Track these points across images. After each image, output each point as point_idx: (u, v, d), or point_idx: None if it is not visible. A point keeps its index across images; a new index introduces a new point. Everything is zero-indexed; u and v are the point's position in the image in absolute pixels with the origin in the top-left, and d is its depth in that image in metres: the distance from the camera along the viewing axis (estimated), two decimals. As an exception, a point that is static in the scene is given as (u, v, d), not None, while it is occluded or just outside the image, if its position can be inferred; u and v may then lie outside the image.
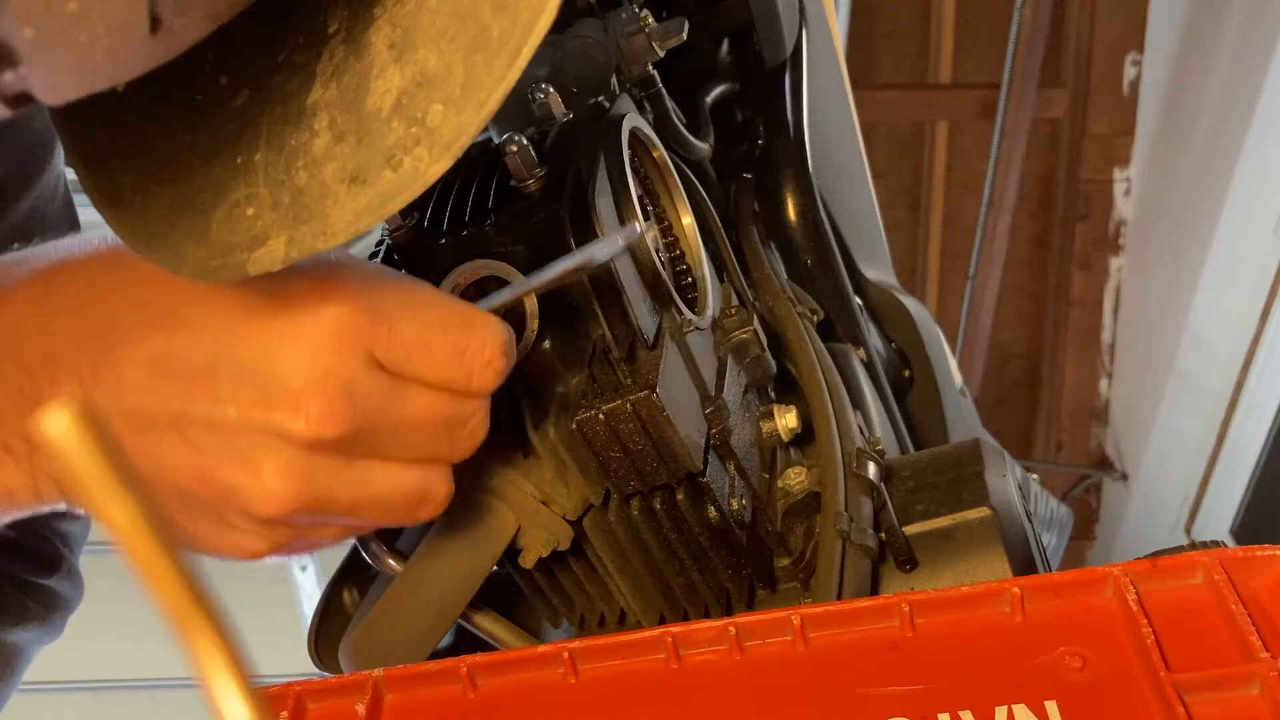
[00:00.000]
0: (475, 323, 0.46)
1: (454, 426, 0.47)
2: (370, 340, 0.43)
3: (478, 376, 0.46)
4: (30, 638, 0.74)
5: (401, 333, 0.44)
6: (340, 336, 0.43)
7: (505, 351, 0.47)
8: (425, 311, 0.45)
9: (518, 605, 0.66)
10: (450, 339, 0.45)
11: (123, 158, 0.43)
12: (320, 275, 0.43)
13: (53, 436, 0.19)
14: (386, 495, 0.47)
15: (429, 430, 0.47)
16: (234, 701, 0.20)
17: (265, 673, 0.30)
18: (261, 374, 0.42)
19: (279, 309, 0.42)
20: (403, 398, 0.45)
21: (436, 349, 0.45)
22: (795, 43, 0.90)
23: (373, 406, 0.44)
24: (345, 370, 0.43)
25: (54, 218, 0.68)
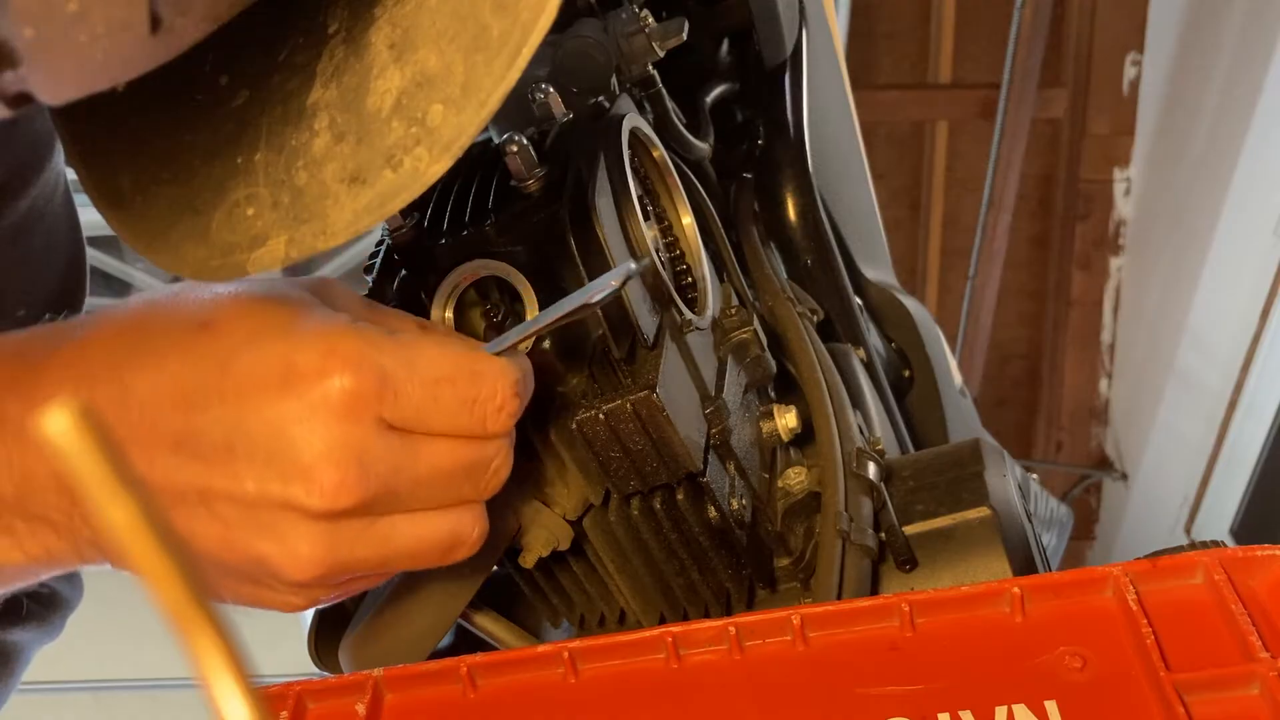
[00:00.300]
0: (482, 371, 0.46)
1: (476, 471, 0.48)
2: (377, 406, 0.44)
3: (492, 421, 0.47)
4: (30, 638, 0.74)
5: (408, 394, 0.45)
6: (346, 408, 0.43)
7: (518, 393, 0.47)
8: (429, 368, 0.45)
9: (518, 605, 0.66)
10: (459, 392, 0.46)
11: (123, 158, 0.43)
12: (323, 346, 0.43)
13: (53, 436, 0.19)
14: (415, 546, 0.47)
15: (449, 479, 0.47)
16: (234, 701, 0.20)
17: (265, 673, 0.30)
18: (274, 451, 0.43)
19: (285, 385, 0.43)
20: (416, 454, 0.46)
21: (445, 403, 0.45)
22: (795, 43, 0.90)
23: (386, 470, 0.45)
24: (354, 439, 0.43)
25: (53, 217, 0.68)
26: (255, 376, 0.43)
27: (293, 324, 0.44)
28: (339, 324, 0.45)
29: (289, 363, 0.43)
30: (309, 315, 0.45)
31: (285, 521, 0.44)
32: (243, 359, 0.43)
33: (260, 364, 0.43)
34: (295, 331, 0.44)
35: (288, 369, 0.43)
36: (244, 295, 0.45)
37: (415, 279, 0.55)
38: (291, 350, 0.43)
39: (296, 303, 0.45)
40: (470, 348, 0.47)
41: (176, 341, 0.44)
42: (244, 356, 0.43)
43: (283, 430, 0.43)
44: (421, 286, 0.55)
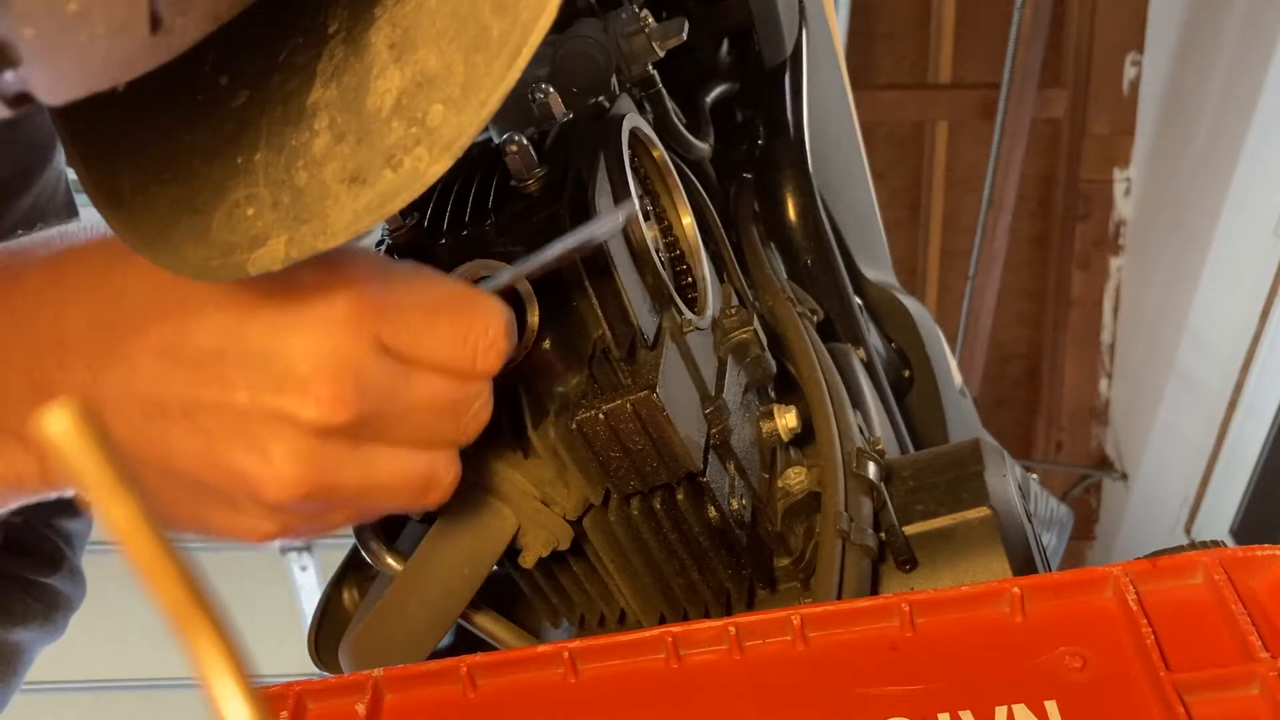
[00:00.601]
0: (477, 305, 0.47)
1: (459, 409, 0.48)
2: (376, 325, 0.44)
3: (481, 357, 0.47)
4: (32, 637, 0.74)
5: (408, 317, 0.45)
6: (348, 322, 0.43)
7: (507, 332, 0.47)
8: (429, 294, 0.46)
9: (518, 605, 0.66)
10: (454, 321, 0.46)
11: (123, 158, 0.43)
12: (327, 263, 0.43)
13: (53, 436, 0.19)
14: (393, 480, 0.47)
15: (435, 413, 0.47)
16: (234, 701, 0.20)
17: (265, 673, 0.30)
18: (270, 359, 0.43)
19: (287, 296, 0.43)
20: (408, 382, 0.45)
21: (441, 331, 0.46)
22: (795, 43, 0.90)
23: (380, 391, 0.44)
24: (353, 356, 0.43)
25: (55, 216, 0.69)
26: (255, 288, 0.42)
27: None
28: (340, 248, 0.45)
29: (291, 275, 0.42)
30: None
31: (273, 435, 0.43)
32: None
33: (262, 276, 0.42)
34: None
35: (289, 279, 0.42)
36: None
37: (415, 279, 0.55)
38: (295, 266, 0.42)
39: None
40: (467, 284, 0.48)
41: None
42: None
43: (280, 339, 0.42)
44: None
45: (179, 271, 0.41)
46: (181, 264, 0.41)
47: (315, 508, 0.46)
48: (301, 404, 0.42)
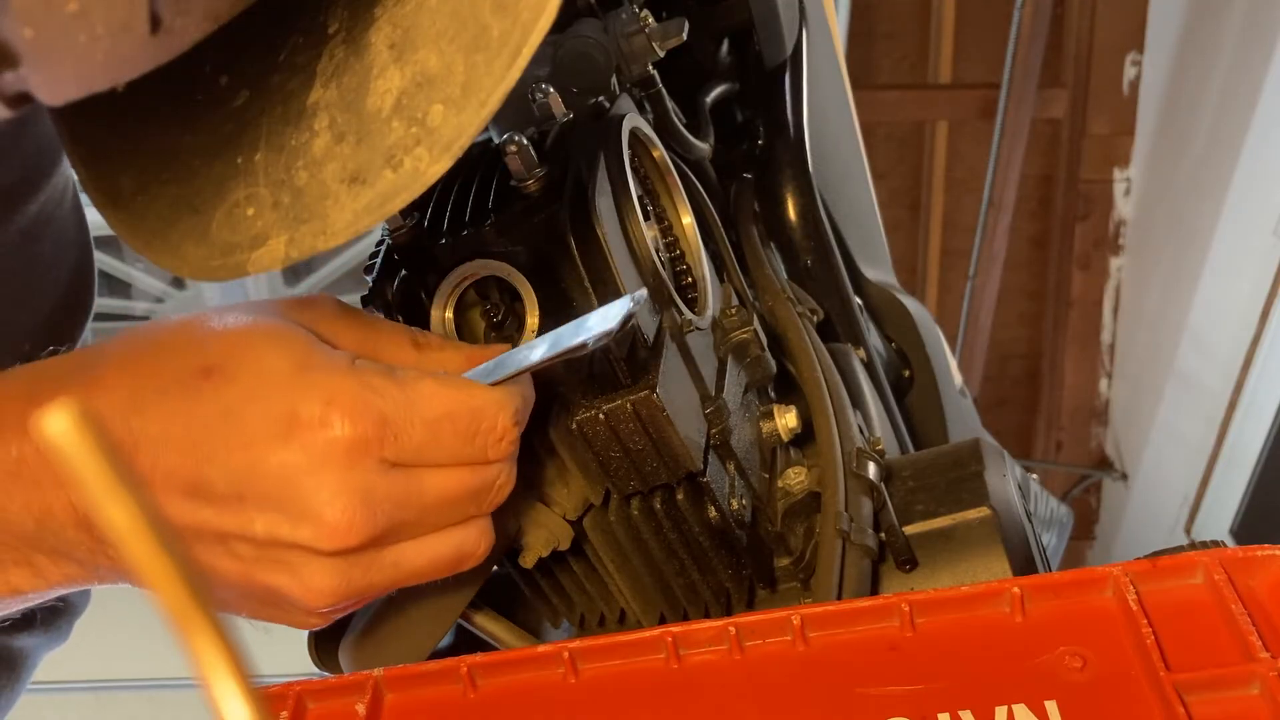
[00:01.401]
0: (481, 406, 0.48)
1: (480, 494, 0.49)
2: (379, 449, 0.45)
3: (493, 450, 0.48)
4: (36, 643, 0.74)
5: (409, 435, 0.46)
6: (349, 454, 0.45)
7: (517, 421, 0.49)
8: (429, 407, 0.47)
9: (518, 605, 0.66)
10: (459, 428, 0.47)
11: (123, 158, 0.43)
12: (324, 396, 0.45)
13: (53, 437, 0.19)
14: (426, 567, 0.49)
15: (453, 504, 0.49)
16: (234, 701, 0.20)
17: (265, 673, 0.30)
18: (283, 499, 0.45)
19: (289, 436, 0.44)
20: (421, 487, 0.47)
21: (446, 440, 0.47)
22: (795, 43, 0.90)
23: (392, 506, 0.46)
24: (358, 483, 0.45)
25: (62, 221, 0.68)
26: (260, 428, 0.44)
27: (294, 371, 0.45)
28: (338, 368, 0.46)
29: (292, 414, 0.44)
30: (309, 359, 0.46)
31: (298, 560, 0.46)
32: (247, 410, 0.45)
33: (264, 415, 0.45)
34: (297, 380, 0.45)
35: (291, 420, 0.44)
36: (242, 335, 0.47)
37: (415, 279, 0.55)
38: (294, 401, 0.45)
39: (295, 344, 0.46)
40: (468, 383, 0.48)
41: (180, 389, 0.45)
42: (248, 408, 0.45)
43: (289, 479, 0.44)
44: (421, 286, 0.55)
45: (179, 271, 0.41)
46: (182, 264, 0.41)
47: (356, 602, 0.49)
48: (317, 537, 0.45)
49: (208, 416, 0.45)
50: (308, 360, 0.46)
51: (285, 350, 0.46)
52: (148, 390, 0.46)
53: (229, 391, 0.45)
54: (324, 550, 0.45)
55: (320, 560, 0.46)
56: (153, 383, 0.46)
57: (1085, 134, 3.32)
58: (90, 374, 0.47)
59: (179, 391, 0.45)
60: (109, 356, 0.48)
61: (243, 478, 0.45)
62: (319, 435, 0.44)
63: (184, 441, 0.45)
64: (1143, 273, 3.35)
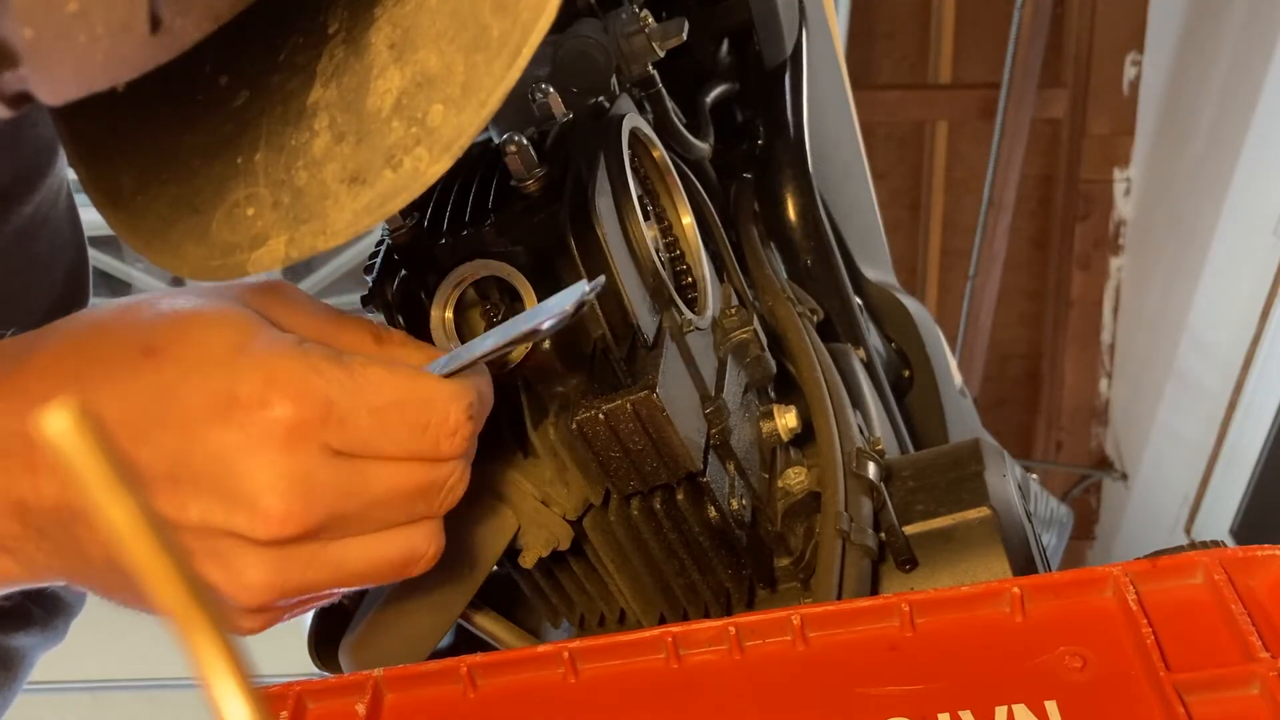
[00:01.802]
0: (433, 396, 0.45)
1: (429, 492, 0.47)
2: (321, 434, 0.43)
3: (445, 445, 0.46)
4: (33, 643, 0.74)
5: (354, 421, 0.44)
6: (289, 437, 0.42)
7: (471, 415, 0.46)
8: (376, 394, 0.44)
9: (518, 605, 0.66)
10: (408, 417, 0.45)
11: (123, 158, 0.43)
12: (264, 375, 0.43)
13: (52, 436, 0.19)
14: (369, 567, 0.47)
15: (402, 501, 0.46)
16: (234, 701, 0.20)
17: (265, 673, 0.30)
18: (218, 482, 0.42)
19: (227, 415, 0.42)
20: (365, 479, 0.45)
21: (394, 429, 0.45)
22: (795, 43, 0.90)
23: (334, 497, 0.44)
24: (298, 469, 0.43)
25: (57, 222, 0.68)
26: (197, 407, 0.42)
27: (236, 350, 0.43)
28: (283, 348, 0.44)
29: (230, 393, 0.42)
30: (253, 339, 0.44)
31: (231, 550, 0.43)
32: (184, 388, 0.43)
33: (202, 394, 0.43)
34: (238, 359, 0.43)
35: (229, 399, 0.42)
36: (187, 316, 0.45)
37: (415, 279, 0.55)
38: (233, 379, 0.42)
39: (240, 325, 0.44)
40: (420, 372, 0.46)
41: (119, 368, 0.44)
42: (186, 386, 0.43)
43: (225, 461, 0.42)
44: (421, 286, 0.55)
45: (179, 271, 0.41)
46: (181, 264, 0.41)
47: (292, 602, 0.47)
48: (251, 524, 0.43)
49: (145, 395, 0.43)
50: (251, 340, 0.44)
51: (228, 330, 0.44)
52: (84, 369, 0.44)
53: (168, 370, 0.43)
54: (259, 539, 0.43)
55: (255, 551, 0.43)
56: (90, 362, 0.44)
57: (1085, 134, 3.32)
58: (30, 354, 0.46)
59: (121, 371, 0.44)
60: (55, 336, 0.46)
61: (177, 459, 0.42)
62: (257, 415, 0.42)
63: (120, 422, 0.43)
64: (1143, 273, 3.35)
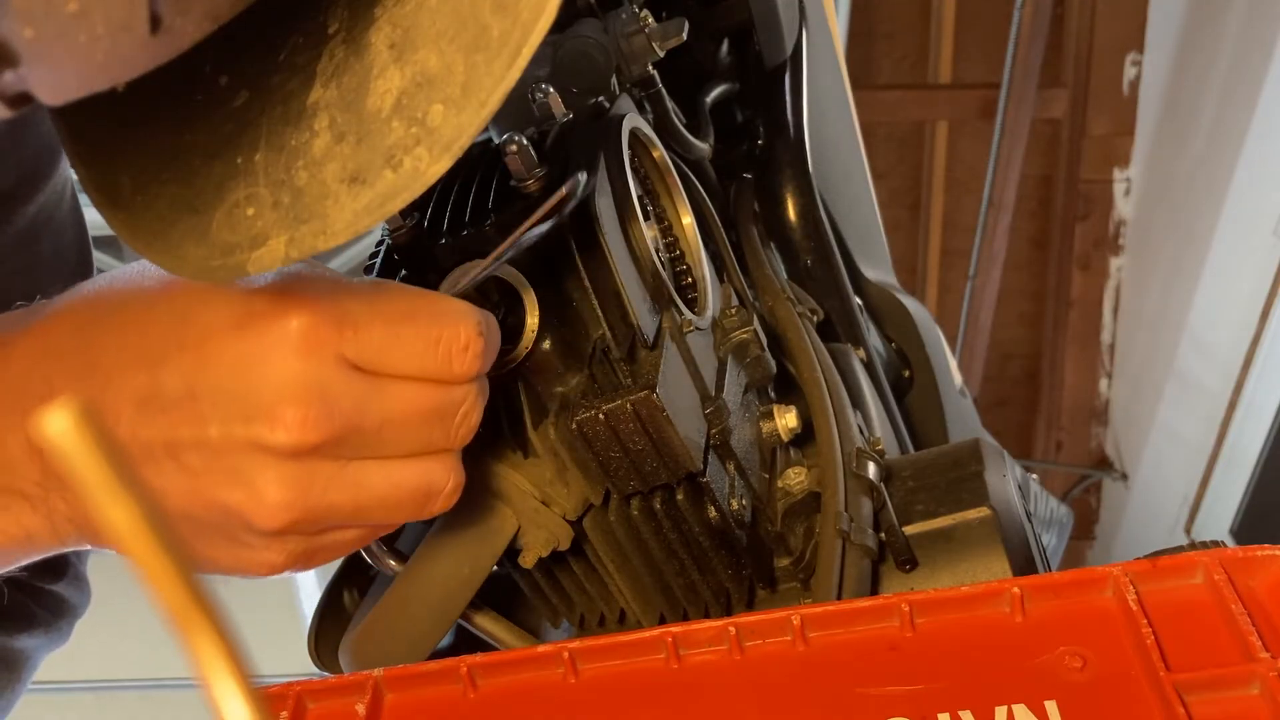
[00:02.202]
0: (444, 310, 0.46)
1: (444, 415, 0.47)
2: (337, 343, 0.44)
3: (457, 362, 0.46)
4: (36, 644, 0.74)
5: (368, 331, 0.45)
6: (305, 344, 0.43)
7: (481, 332, 0.47)
8: (389, 306, 0.45)
9: (518, 605, 0.66)
10: (421, 330, 0.46)
11: (123, 158, 0.43)
12: (280, 288, 0.44)
13: (53, 436, 0.19)
14: (388, 494, 0.47)
15: (418, 422, 0.47)
16: (234, 701, 0.20)
17: (265, 673, 0.30)
18: (237, 392, 0.43)
19: (245, 327, 0.43)
20: (382, 394, 0.45)
21: (408, 342, 0.45)
22: (795, 43, 0.90)
23: (351, 407, 0.44)
24: (316, 376, 0.43)
25: (61, 221, 0.68)
26: (213, 324, 0.44)
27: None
28: (295, 269, 0.45)
29: (246, 307, 0.44)
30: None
31: (253, 465, 0.44)
32: (199, 309, 0.44)
33: (217, 311, 0.44)
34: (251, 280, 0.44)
35: (245, 312, 0.43)
36: None
37: (415, 279, 0.55)
38: (247, 296, 0.44)
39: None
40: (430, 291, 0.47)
41: (135, 305, 0.45)
42: (200, 307, 0.44)
43: (243, 371, 0.43)
44: (421, 286, 0.55)
45: (179, 272, 0.41)
46: (182, 264, 0.41)
47: (314, 531, 0.47)
48: (271, 431, 0.43)
49: (162, 322, 0.44)
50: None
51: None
52: (104, 314, 0.45)
53: (182, 299, 0.44)
54: (278, 446, 0.43)
55: (274, 466, 0.44)
56: (110, 307, 0.45)
57: (1085, 134, 3.32)
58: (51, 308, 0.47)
59: (134, 309, 0.45)
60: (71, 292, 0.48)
61: (194, 375, 0.43)
62: (274, 325, 0.43)
63: (137, 352, 0.44)
64: (1143, 273, 3.35)
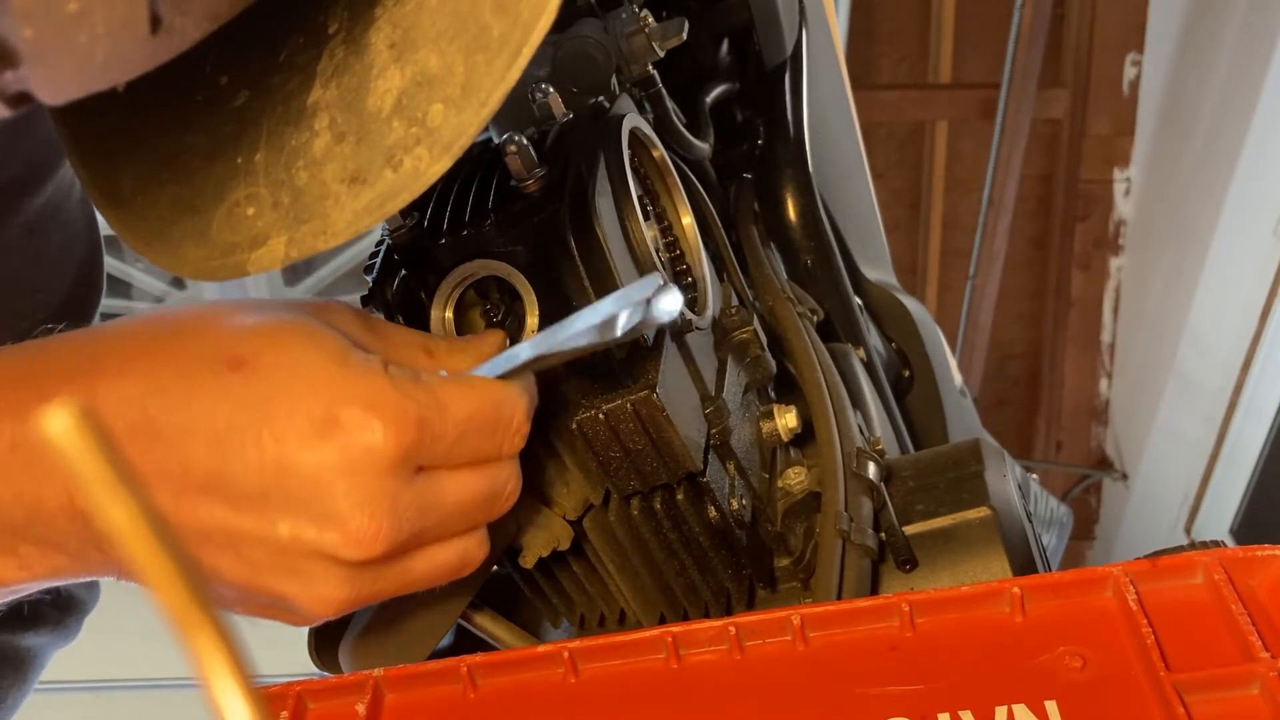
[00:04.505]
0: (505, 400, 0.47)
1: (494, 498, 0.49)
2: (416, 457, 0.45)
3: (507, 445, 0.48)
4: (44, 642, 0.73)
5: (443, 439, 0.45)
6: (389, 463, 0.44)
7: (529, 416, 0.49)
8: (461, 408, 0.46)
9: (518, 605, 0.66)
10: (484, 424, 0.47)
11: (123, 157, 0.43)
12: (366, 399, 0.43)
13: (53, 436, 0.19)
14: (429, 576, 0.49)
15: (471, 509, 0.48)
16: (234, 701, 0.20)
17: (265, 673, 0.30)
18: (311, 500, 0.43)
19: (327, 436, 0.43)
20: (442, 492, 0.46)
21: (472, 439, 0.46)
22: (795, 43, 0.90)
23: (416, 514, 0.45)
24: (390, 491, 0.44)
25: (70, 212, 0.68)
26: (294, 426, 0.43)
27: (333, 370, 0.44)
28: (375, 371, 0.45)
29: (330, 414, 0.43)
30: (347, 359, 0.44)
31: (314, 567, 0.45)
32: (279, 406, 0.43)
33: (300, 414, 0.43)
34: (336, 380, 0.43)
35: (329, 420, 0.43)
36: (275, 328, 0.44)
37: (415, 279, 0.55)
38: (333, 402, 0.43)
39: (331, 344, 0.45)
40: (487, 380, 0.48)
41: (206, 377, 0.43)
42: (281, 403, 0.43)
43: (322, 481, 0.43)
44: (421, 286, 0.55)
45: (179, 271, 0.41)
46: (182, 264, 0.41)
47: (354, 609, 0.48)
48: (345, 544, 0.44)
49: (237, 410, 0.43)
50: (345, 360, 0.44)
51: (322, 348, 0.44)
52: (168, 375, 0.44)
53: (261, 385, 0.43)
54: (347, 559, 0.44)
55: (337, 569, 0.45)
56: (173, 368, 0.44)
57: (1085, 134, 3.32)
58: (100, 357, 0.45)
59: (206, 379, 0.43)
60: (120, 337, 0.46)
61: (270, 477, 0.43)
62: (358, 439, 0.43)
63: (209, 435, 0.43)
64: (1143, 273, 3.35)
